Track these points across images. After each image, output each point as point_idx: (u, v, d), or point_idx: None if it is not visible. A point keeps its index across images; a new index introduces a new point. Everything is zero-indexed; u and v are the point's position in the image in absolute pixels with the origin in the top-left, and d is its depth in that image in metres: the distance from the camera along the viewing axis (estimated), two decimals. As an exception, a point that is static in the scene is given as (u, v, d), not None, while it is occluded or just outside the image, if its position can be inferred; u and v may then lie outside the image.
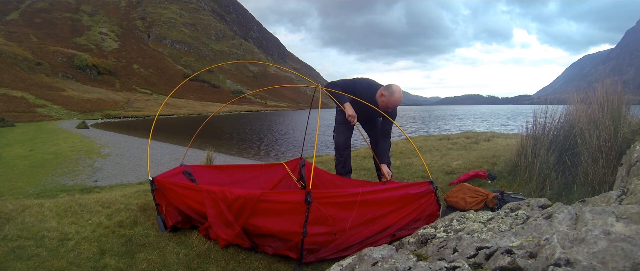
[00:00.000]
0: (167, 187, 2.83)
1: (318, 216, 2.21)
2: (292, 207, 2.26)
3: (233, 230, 2.39)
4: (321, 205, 2.22)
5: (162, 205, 2.81)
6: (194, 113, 59.55)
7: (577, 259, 0.85)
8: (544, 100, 3.71)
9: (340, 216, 2.29)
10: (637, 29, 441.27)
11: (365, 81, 3.53)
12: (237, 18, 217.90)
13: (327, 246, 2.26)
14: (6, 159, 10.92)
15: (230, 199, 2.42)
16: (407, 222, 2.52)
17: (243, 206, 2.37)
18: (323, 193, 2.39)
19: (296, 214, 2.22)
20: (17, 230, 2.59)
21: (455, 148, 6.91)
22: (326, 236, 2.25)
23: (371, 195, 2.43)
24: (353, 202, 2.33)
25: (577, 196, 2.74)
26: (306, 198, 2.14)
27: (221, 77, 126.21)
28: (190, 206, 2.70)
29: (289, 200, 2.33)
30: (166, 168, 3.48)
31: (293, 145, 17.06)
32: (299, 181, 3.79)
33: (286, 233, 2.26)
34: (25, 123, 32.08)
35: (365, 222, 2.38)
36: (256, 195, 2.34)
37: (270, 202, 2.36)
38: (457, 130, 21.98)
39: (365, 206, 2.38)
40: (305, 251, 2.20)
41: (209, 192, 2.53)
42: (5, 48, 70.14)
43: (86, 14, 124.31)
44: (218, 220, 2.46)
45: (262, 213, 2.36)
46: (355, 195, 2.34)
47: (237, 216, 2.40)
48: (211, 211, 2.49)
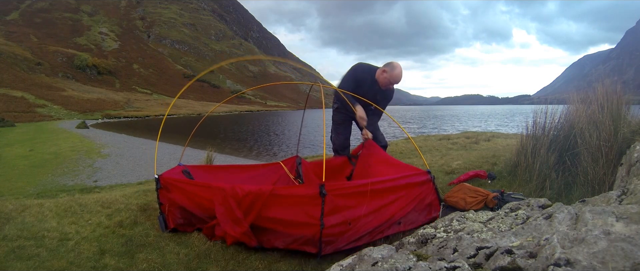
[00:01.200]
0: (174, 184, 2.81)
1: (332, 207, 2.28)
2: (305, 201, 2.31)
3: (241, 228, 2.39)
4: (335, 196, 2.29)
5: (165, 204, 2.79)
6: (194, 113, 59.53)
7: (577, 259, 0.85)
8: (544, 100, 3.70)
9: (352, 206, 2.38)
10: (637, 29, 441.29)
11: (362, 65, 3.55)
12: (237, 18, 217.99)
13: (342, 237, 2.32)
14: (6, 159, 10.92)
15: (240, 195, 2.42)
16: (410, 210, 2.67)
17: (253, 203, 2.37)
18: (336, 185, 2.42)
19: (310, 207, 2.27)
20: (17, 230, 2.59)
21: (455, 148, 6.91)
22: (341, 227, 2.32)
23: (379, 184, 2.53)
24: (364, 191, 2.43)
25: (577, 196, 2.74)
26: (321, 190, 2.21)
27: (221, 77, 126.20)
28: (199, 203, 2.67)
29: (302, 193, 2.36)
30: (166, 167, 3.48)
31: (286, 146, 17.09)
32: (296, 179, 3.81)
33: (300, 227, 2.30)
34: (25, 123, 32.08)
35: (374, 211, 2.47)
36: (267, 190, 2.35)
37: (283, 196, 2.38)
38: (454, 130, 21.99)
39: (374, 196, 2.48)
40: (323, 244, 2.24)
41: (219, 188, 2.53)
42: (5, 48, 70.15)
43: (86, 14, 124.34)
44: (226, 217, 2.45)
45: (274, 209, 2.37)
46: (365, 186, 2.45)
47: (247, 213, 2.40)
48: (220, 208, 2.48)
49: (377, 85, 3.41)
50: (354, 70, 3.49)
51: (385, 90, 3.44)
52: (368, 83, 3.40)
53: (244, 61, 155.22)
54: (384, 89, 3.43)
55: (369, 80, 3.41)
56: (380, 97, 3.49)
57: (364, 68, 3.48)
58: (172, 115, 55.01)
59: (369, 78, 3.41)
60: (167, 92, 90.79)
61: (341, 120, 3.56)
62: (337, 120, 3.61)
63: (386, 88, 3.41)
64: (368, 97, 3.39)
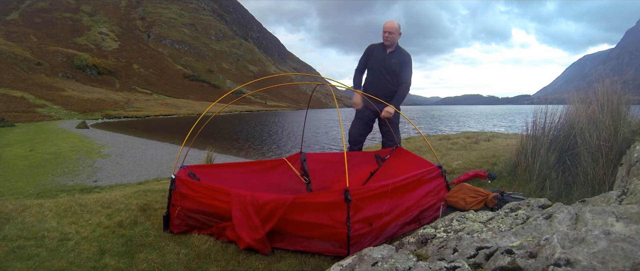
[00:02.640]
0: (190, 187, 2.77)
1: (356, 210, 2.33)
2: (330, 207, 2.34)
3: (257, 234, 2.38)
4: (359, 200, 2.34)
5: (176, 206, 2.73)
6: (194, 113, 59.55)
7: (577, 259, 0.85)
8: (544, 100, 3.71)
9: (375, 207, 2.46)
10: (637, 29, 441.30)
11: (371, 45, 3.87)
12: (237, 18, 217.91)
13: (366, 237, 2.38)
14: (6, 159, 10.92)
15: (260, 203, 2.42)
16: (427, 206, 2.80)
17: (273, 211, 2.39)
18: (359, 189, 2.45)
19: (334, 212, 2.32)
20: (17, 230, 2.59)
21: (455, 148, 6.91)
22: (365, 228, 2.37)
23: (398, 183, 2.63)
24: (385, 192, 2.50)
25: (577, 196, 2.74)
26: (346, 196, 2.26)
27: (221, 77, 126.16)
28: (218, 206, 2.63)
29: (327, 200, 2.38)
30: (166, 168, 3.47)
31: (286, 146, 17.08)
32: (303, 176, 3.90)
33: (327, 232, 2.34)
34: (25, 123, 32.08)
35: (395, 209, 2.56)
36: (289, 199, 2.37)
37: (305, 204, 2.41)
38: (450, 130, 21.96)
39: (394, 195, 2.57)
40: (351, 246, 2.27)
41: (239, 194, 2.52)
42: (5, 48, 70.15)
43: (86, 14, 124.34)
44: (243, 222, 2.44)
45: (296, 214, 2.40)
46: (386, 186, 2.52)
47: (265, 221, 2.40)
48: (237, 213, 2.47)
49: (385, 51, 3.72)
50: (365, 51, 3.87)
51: (397, 53, 3.72)
52: (377, 51, 3.74)
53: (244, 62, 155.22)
54: (395, 52, 3.71)
55: (378, 48, 3.75)
56: (396, 60, 3.71)
57: (375, 46, 3.84)
58: (172, 115, 55.04)
59: (377, 47, 3.77)
60: (167, 92, 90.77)
61: (360, 114, 3.86)
62: (357, 114, 3.91)
63: (391, 43, 3.68)
64: (381, 65, 3.71)
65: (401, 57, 3.74)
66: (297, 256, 2.37)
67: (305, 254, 2.38)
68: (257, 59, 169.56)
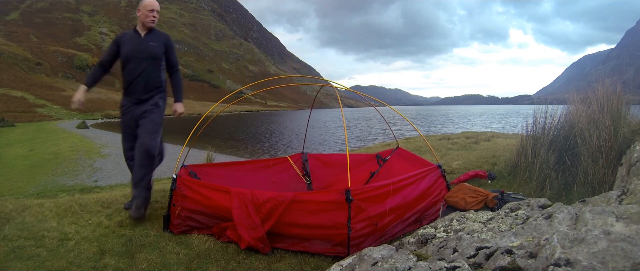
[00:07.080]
0: (191, 187, 2.77)
1: (358, 210, 2.32)
2: (331, 207, 2.33)
3: (257, 233, 2.37)
4: (360, 200, 2.33)
5: (177, 206, 2.74)
6: (194, 113, 59.52)
7: (577, 259, 0.85)
8: (544, 100, 3.71)
9: (377, 206, 2.46)
10: (637, 29, 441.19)
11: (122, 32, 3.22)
12: (237, 18, 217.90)
13: (369, 238, 2.38)
14: (6, 159, 10.92)
15: (260, 201, 2.42)
16: (428, 205, 2.82)
17: (273, 209, 2.38)
18: (360, 189, 2.45)
19: (335, 212, 2.30)
20: (17, 230, 2.59)
21: (455, 148, 6.91)
22: (367, 228, 2.37)
23: (398, 183, 2.63)
24: (386, 192, 2.50)
25: (577, 196, 2.74)
26: (347, 196, 2.25)
27: (221, 77, 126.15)
28: (220, 205, 2.62)
29: (328, 199, 2.37)
30: (166, 168, 3.47)
31: (286, 146, 17.07)
32: (304, 176, 3.94)
33: (327, 233, 2.33)
34: (25, 123, 32.07)
35: (395, 209, 2.56)
36: (289, 197, 2.36)
37: (305, 202, 2.39)
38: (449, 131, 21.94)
39: (395, 195, 2.57)
40: (352, 247, 2.26)
41: (239, 193, 2.52)
42: (5, 48, 70.11)
43: (86, 14, 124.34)
44: (243, 221, 2.44)
45: (296, 214, 2.38)
46: (387, 186, 2.52)
47: (265, 219, 2.40)
48: (237, 211, 2.47)
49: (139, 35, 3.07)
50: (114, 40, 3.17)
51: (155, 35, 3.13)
52: (129, 36, 3.08)
53: (244, 62, 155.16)
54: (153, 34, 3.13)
55: (129, 34, 3.11)
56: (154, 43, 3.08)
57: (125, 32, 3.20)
58: (172, 115, 54.91)
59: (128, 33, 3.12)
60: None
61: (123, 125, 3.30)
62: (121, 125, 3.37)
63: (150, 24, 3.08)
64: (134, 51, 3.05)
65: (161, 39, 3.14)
66: (297, 256, 2.37)
67: (305, 254, 2.38)
68: (257, 59, 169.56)
